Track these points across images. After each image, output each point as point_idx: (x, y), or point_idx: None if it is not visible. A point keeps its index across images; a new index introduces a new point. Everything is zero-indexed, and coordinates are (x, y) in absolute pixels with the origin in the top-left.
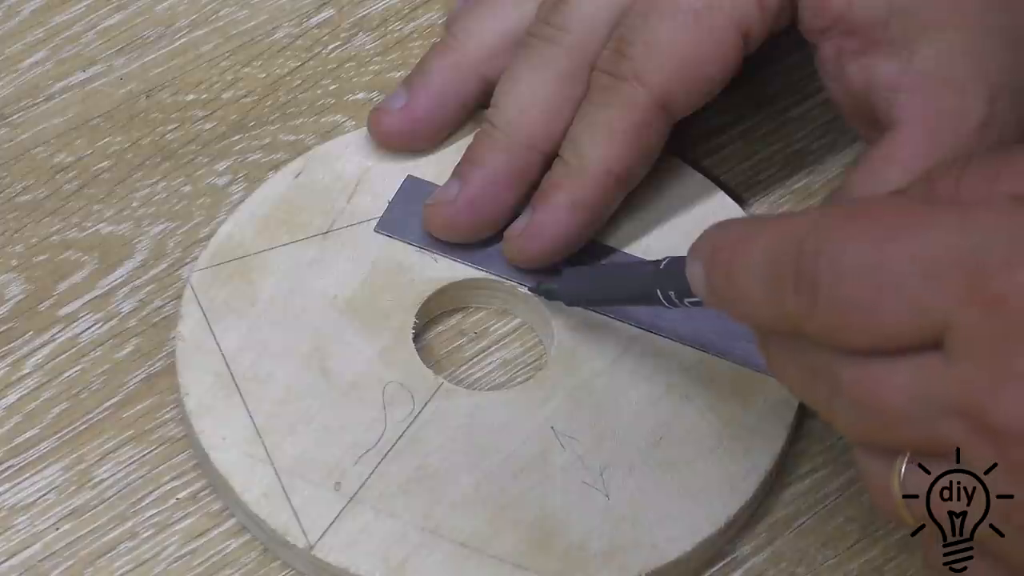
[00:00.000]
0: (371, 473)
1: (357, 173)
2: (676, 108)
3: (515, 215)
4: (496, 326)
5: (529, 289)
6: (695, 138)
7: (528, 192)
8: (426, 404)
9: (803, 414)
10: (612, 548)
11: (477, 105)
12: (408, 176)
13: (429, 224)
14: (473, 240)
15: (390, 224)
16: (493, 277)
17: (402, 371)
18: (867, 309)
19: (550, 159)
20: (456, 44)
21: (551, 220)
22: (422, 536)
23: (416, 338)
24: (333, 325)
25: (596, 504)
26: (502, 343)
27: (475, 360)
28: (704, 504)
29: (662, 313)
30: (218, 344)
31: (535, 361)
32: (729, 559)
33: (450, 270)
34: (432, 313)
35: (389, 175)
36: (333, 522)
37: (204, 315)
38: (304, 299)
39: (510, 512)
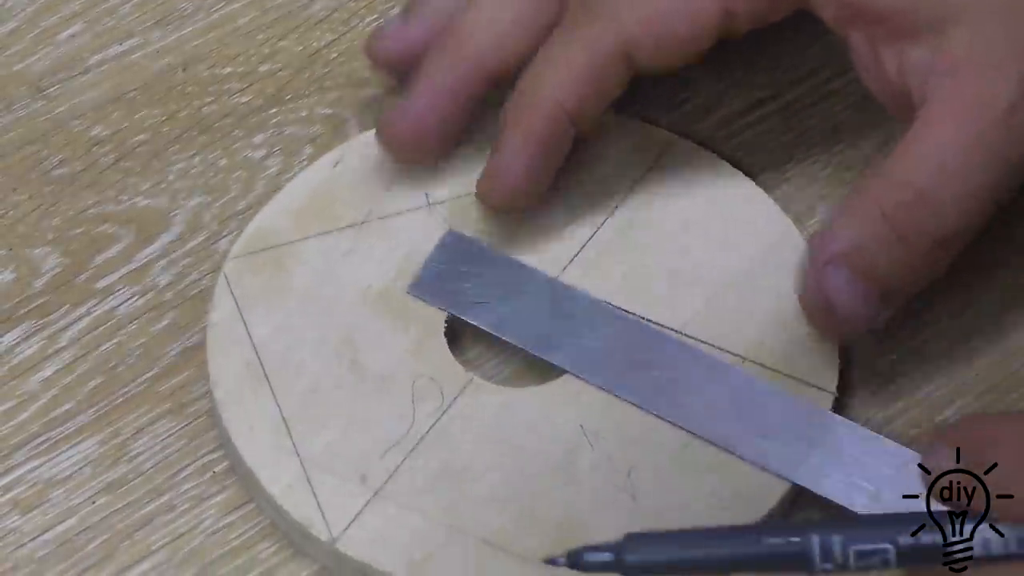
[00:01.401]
0: (397, 467)
1: (395, 164)
2: (640, 58)
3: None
4: None
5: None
6: (734, 113)
7: (476, 110)
8: (455, 399)
9: (838, 407)
10: None
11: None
12: (449, 231)
13: (380, 142)
14: (423, 162)
15: (425, 287)
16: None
17: (432, 365)
18: None
19: (499, 79)
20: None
21: (507, 157)
22: (446, 532)
23: (447, 332)
24: (365, 317)
25: (622, 505)
26: None
27: (506, 356)
28: (731, 509)
29: (683, 403)
30: (249, 334)
31: None
32: None
33: None
34: None
35: (427, 166)
36: (357, 516)
37: (236, 304)
38: (337, 290)
39: (535, 510)
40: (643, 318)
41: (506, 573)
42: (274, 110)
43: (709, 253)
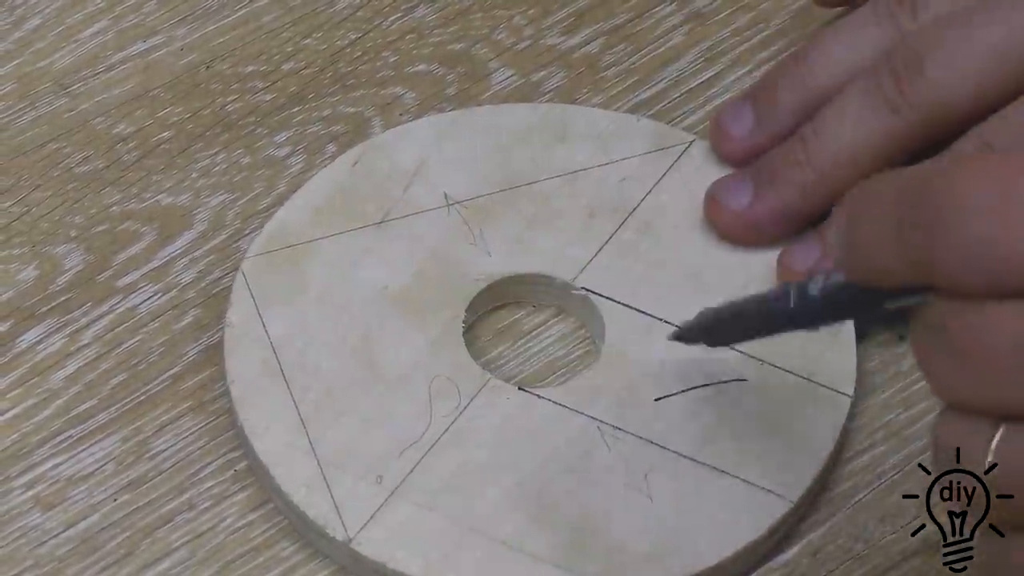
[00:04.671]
0: (414, 467)
1: (414, 163)
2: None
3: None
4: (547, 323)
5: (668, 336)
6: None
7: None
8: (472, 399)
9: (855, 407)
10: (653, 551)
11: None
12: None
13: (708, 214)
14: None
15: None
16: (546, 273)
17: (450, 365)
18: (989, 245)
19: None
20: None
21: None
22: (462, 532)
23: (465, 332)
24: (383, 316)
25: (638, 506)
26: (552, 340)
27: (523, 356)
28: (748, 510)
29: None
30: (267, 332)
31: (584, 359)
32: (778, 556)
33: (502, 265)
34: (483, 307)
35: (446, 165)
36: (373, 516)
37: (254, 302)
38: (355, 289)
39: (551, 511)
40: (661, 318)
41: (521, 573)
42: (297, 108)
43: (727, 255)
